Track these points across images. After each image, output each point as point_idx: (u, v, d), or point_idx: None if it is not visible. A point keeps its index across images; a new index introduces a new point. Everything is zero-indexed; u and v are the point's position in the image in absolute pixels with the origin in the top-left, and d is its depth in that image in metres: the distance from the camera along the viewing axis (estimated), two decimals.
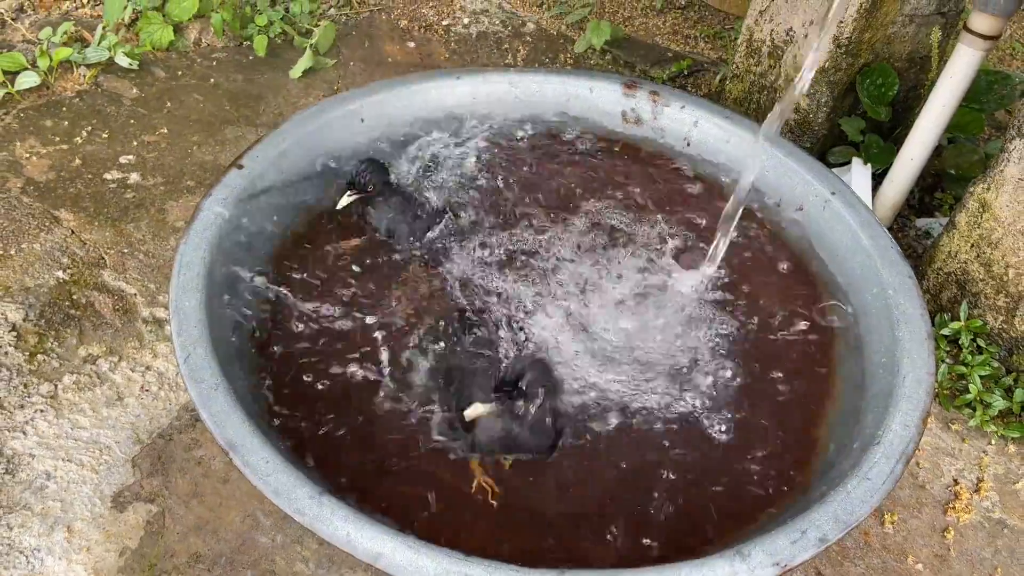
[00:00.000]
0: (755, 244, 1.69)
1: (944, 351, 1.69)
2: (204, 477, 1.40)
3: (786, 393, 1.45)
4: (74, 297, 1.65)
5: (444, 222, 1.66)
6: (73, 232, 1.78)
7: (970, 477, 1.52)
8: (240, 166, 1.54)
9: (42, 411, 1.47)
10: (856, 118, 2.00)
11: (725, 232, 1.58)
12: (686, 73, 2.46)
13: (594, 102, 1.85)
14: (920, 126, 1.81)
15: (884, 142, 1.97)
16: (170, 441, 1.45)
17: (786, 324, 1.56)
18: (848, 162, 1.97)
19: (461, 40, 2.53)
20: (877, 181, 1.95)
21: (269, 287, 1.50)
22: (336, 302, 1.52)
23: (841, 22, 1.84)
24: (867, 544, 1.42)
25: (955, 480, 1.51)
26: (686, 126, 1.81)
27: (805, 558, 1.08)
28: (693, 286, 1.61)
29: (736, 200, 1.55)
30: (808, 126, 2.04)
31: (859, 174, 1.92)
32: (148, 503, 1.37)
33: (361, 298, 1.54)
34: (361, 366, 1.43)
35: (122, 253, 1.76)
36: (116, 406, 1.50)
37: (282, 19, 2.41)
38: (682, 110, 1.80)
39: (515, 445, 1.29)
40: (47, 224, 1.78)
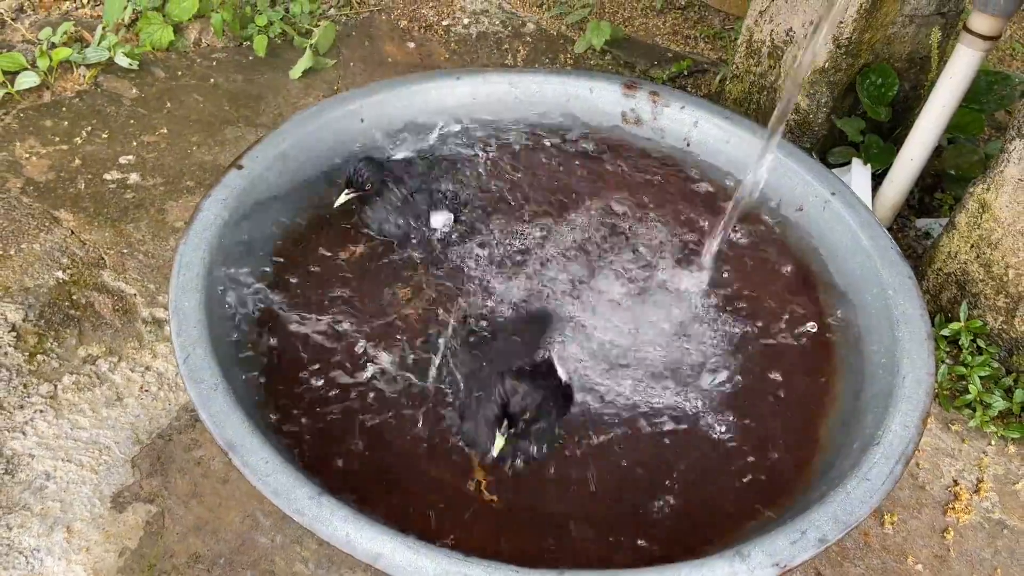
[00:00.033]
0: (754, 245, 1.69)
1: (944, 352, 1.69)
2: (204, 477, 1.40)
3: (785, 393, 1.45)
4: (74, 297, 1.65)
5: (444, 223, 1.66)
6: (73, 232, 1.78)
7: (970, 478, 1.52)
8: (240, 166, 1.54)
9: (42, 411, 1.47)
10: (856, 118, 2.00)
11: (724, 233, 1.58)
12: (686, 73, 2.46)
13: (594, 102, 1.85)
14: (920, 126, 1.81)
15: (884, 142, 1.97)
16: (170, 441, 1.45)
17: (785, 324, 1.56)
18: (848, 162, 1.97)
19: (461, 40, 2.53)
20: (877, 181, 1.95)
21: (268, 290, 1.50)
22: (335, 304, 1.52)
23: (841, 22, 1.84)
24: (867, 544, 1.42)
25: (955, 481, 1.51)
26: (686, 126, 1.81)
27: (805, 558, 1.08)
28: (692, 287, 1.61)
29: (735, 202, 1.55)
30: (808, 126, 2.04)
31: (859, 174, 1.92)
32: (147, 503, 1.37)
33: (360, 301, 1.54)
34: (360, 368, 1.43)
35: (122, 253, 1.76)
36: (116, 406, 1.50)
37: (282, 19, 2.41)
38: (682, 110, 1.80)
39: (519, 453, 1.30)
40: (47, 224, 1.78)
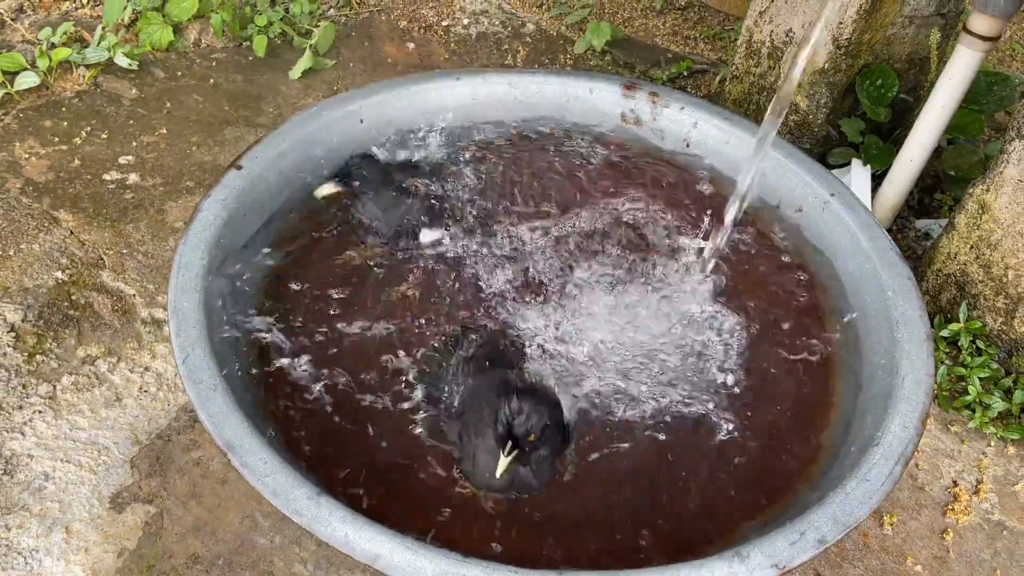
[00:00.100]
0: (754, 245, 1.69)
1: (943, 352, 1.69)
2: (203, 478, 1.40)
3: (784, 395, 1.45)
4: (73, 298, 1.65)
5: (441, 224, 1.65)
6: (72, 233, 1.78)
7: (969, 479, 1.52)
8: (239, 167, 1.54)
9: (40, 412, 1.47)
10: (856, 119, 2.00)
11: (723, 233, 1.58)
12: (686, 74, 2.46)
13: (594, 103, 1.85)
14: (919, 127, 1.81)
15: (883, 143, 1.97)
16: (169, 442, 1.45)
17: (784, 326, 1.56)
18: (848, 163, 1.97)
19: (461, 41, 2.53)
20: (876, 182, 1.95)
21: (265, 290, 1.50)
22: (333, 307, 1.52)
23: (841, 23, 1.84)
24: (866, 545, 1.41)
25: (954, 482, 1.51)
26: (685, 127, 1.81)
27: (804, 559, 1.08)
28: (690, 288, 1.61)
29: (731, 203, 1.55)
30: (808, 127, 2.04)
31: (858, 175, 1.92)
32: (146, 504, 1.37)
33: (356, 303, 1.53)
34: (359, 371, 1.42)
35: (121, 254, 1.76)
36: (115, 407, 1.49)
37: (282, 20, 2.41)
38: (681, 111, 1.80)
39: (520, 486, 1.26)
40: (46, 225, 1.78)
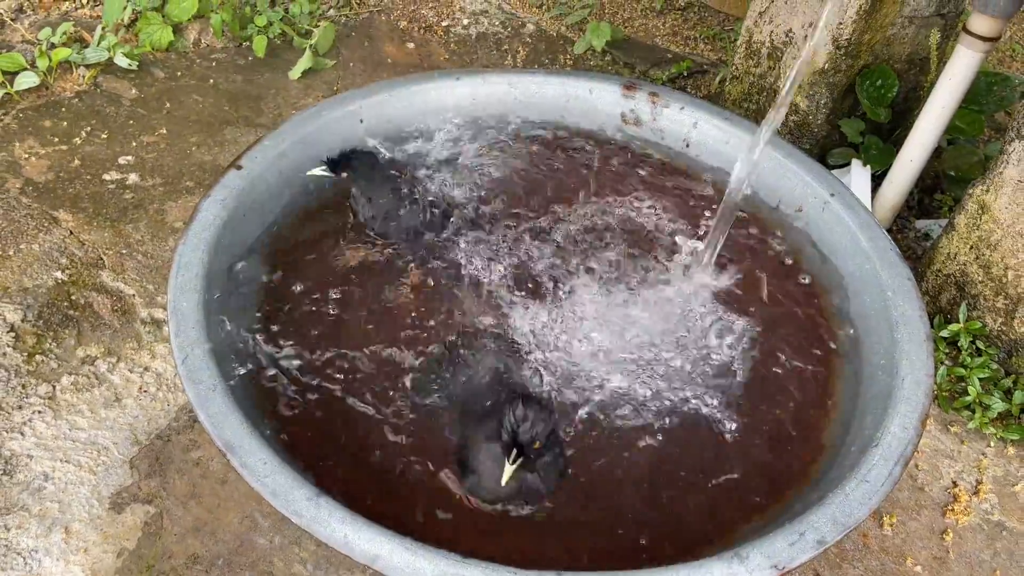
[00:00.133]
0: (753, 245, 1.69)
1: (943, 353, 1.69)
2: (202, 478, 1.40)
3: (784, 395, 1.45)
4: (72, 298, 1.65)
5: (440, 223, 1.65)
6: (72, 233, 1.78)
7: (969, 479, 1.52)
8: (239, 167, 1.54)
9: (40, 412, 1.47)
10: (856, 119, 2.00)
11: (722, 234, 1.58)
12: (686, 74, 2.46)
13: (593, 103, 1.85)
14: (919, 128, 1.81)
15: (883, 144, 1.97)
16: (168, 442, 1.45)
17: (783, 326, 1.55)
18: (848, 164, 1.97)
19: (460, 41, 2.53)
20: (876, 183, 1.95)
21: (264, 291, 1.50)
22: (332, 308, 1.52)
23: (840, 24, 1.84)
24: (865, 546, 1.41)
25: (954, 482, 1.51)
26: (685, 127, 1.80)
27: (803, 560, 1.08)
28: (689, 287, 1.61)
29: (730, 202, 1.55)
30: (808, 127, 2.04)
31: (858, 176, 1.91)
32: (146, 504, 1.37)
33: (355, 303, 1.54)
34: (357, 373, 1.42)
35: (121, 254, 1.76)
36: (114, 407, 1.49)
37: (281, 20, 2.41)
38: (681, 111, 1.80)
39: (527, 493, 1.24)
40: (46, 225, 1.78)
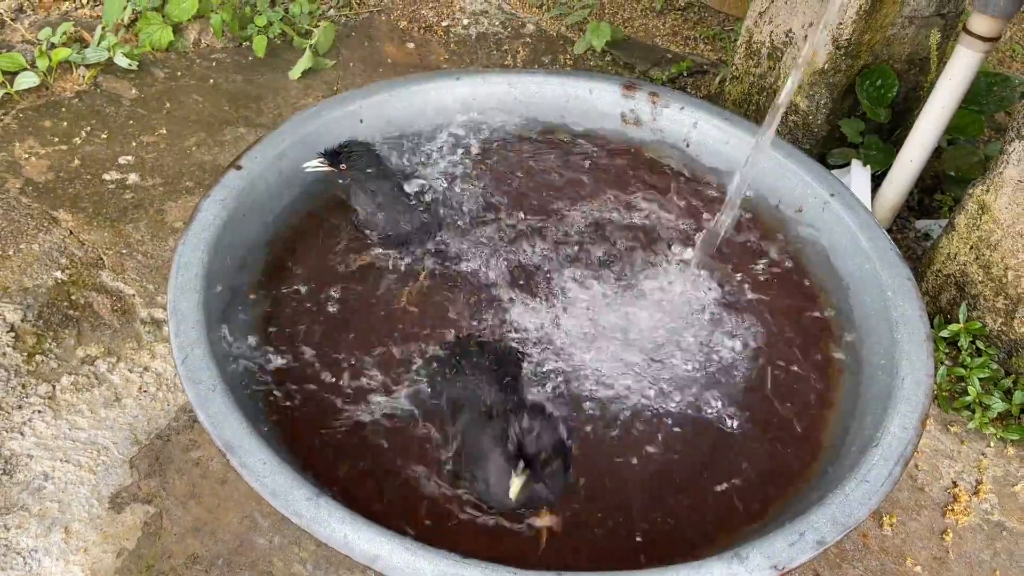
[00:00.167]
0: (753, 245, 1.69)
1: (943, 353, 1.69)
2: (202, 478, 1.40)
3: (784, 395, 1.45)
4: (72, 298, 1.65)
5: (439, 223, 1.65)
6: (72, 233, 1.78)
7: (969, 479, 1.52)
8: (239, 167, 1.54)
9: (40, 412, 1.47)
10: (856, 120, 2.00)
11: (722, 234, 1.58)
12: (686, 74, 2.46)
13: (593, 103, 1.85)
14: (919, 128, 1.81)
15: (883, 144, 1.97)
16: (168, 442, 1.45)
17: (784, 326, 1.56)
18: (848, 164, 1.97)
19: (460, 41, 2.53)
20: (876, 183, 1.94)
21: (263, 292, 1.50)
22: (332, 309, 1.52)
23: (840, 24, 1.84)
24: (865, 546, 1.41)
25: (954, 482, 1.51)
26: (685, 127, 1.80)
27: (803, 560, 1.08)
28: (689, 287, 1.61)
29: (731, 203, 1.55)
30: (808, 128, 2.04)
31: (858, 176, 1.91)
32: (146, 504, 1.37)
33: (355, 303, 1.54)
34: (357, 374, 1.42)
35: (120, 254, 1.76)
36: (114, 407, 1.49)
37: (281, 20, 2.41)
38: (681, 111, 1.80)
39: (533, 500, 1.20)
40: (45, 224, 1.78)
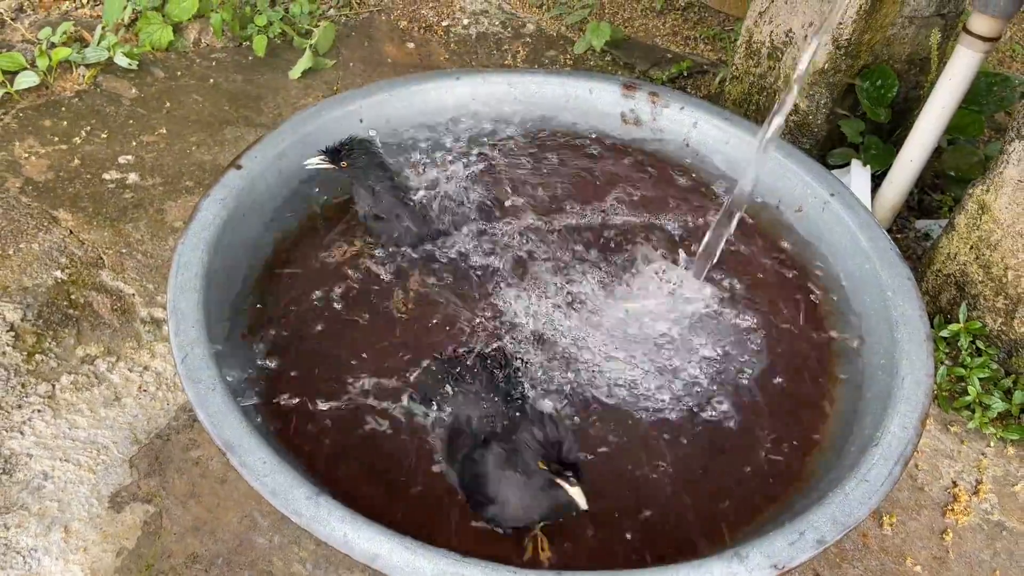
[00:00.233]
0: (753, 246, 1.69)
1: (943, 353, 1.69)
2: (202, 477, 1.40)
3: (785, 394, 1.45)
4: (72, 297, 1.65)
5: (438, 222, 1.65)
6: (71, 232, 1.78)
7: (969, 479, 1.52)
8: (239, 166, 1.54)
9: (40, 411, 1.47)
10: (856, 119, 2.00)
11: (723, 234, 1.58)
12: (686, 74, 2.46)
13: (593, 103, 1.85)
14: (919, 128, 1.81)
15: (883, 144, 1.97)
16: (168, 441, 1.45)
17: (784, 326, 1.55)
18: (848, 164, 1.97)
19: (461, 41, 2.53)
20: (876, 183, 1.94)
21: (262, 291, 1.50)
22: (329, 308, 1.52)
23: (840, 24, 1.84)
24: (865, 546, 1.41)
25: (954, 482, 1.51)
26: (685, 127, 1.80)
27: (803, 559, 1.08)
28: (690, 288, 1.60)
29: (732, 204, 1.55)
30: (807, 127, 2.04)
31: (858, 176, 1.91)
32: (145, 503, 1.37)
33: (354, 303, 1.54)
34: (355, 376, 1.42)
35: (120, 253, 1.76)
36: (114, 406, 1.49)
37: (281, 19, 2.41)
38: (681, 111, 1.80)
39: (552, 511, 1.15)
40: (45, 224, 1.78)
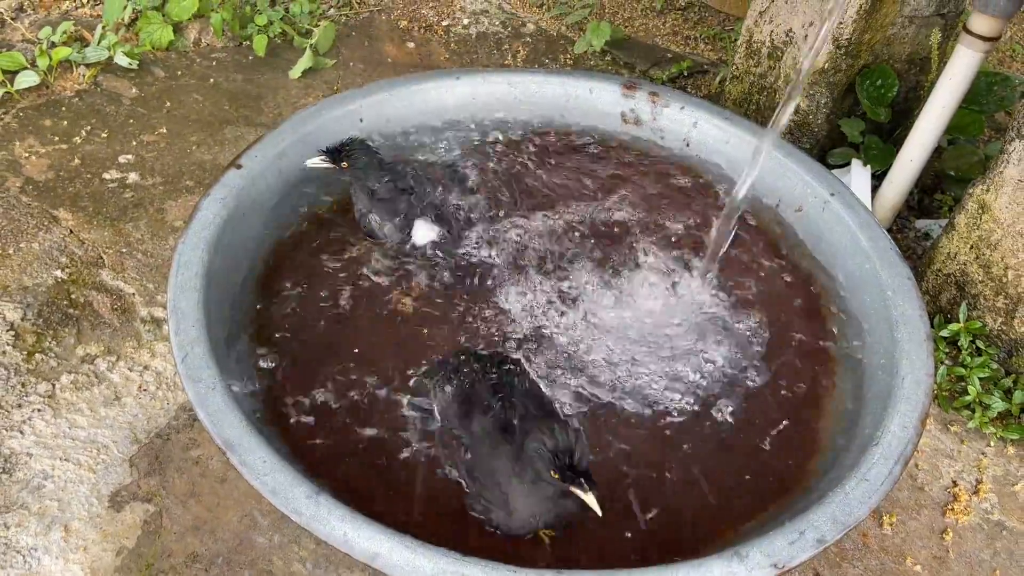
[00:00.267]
0: (754, 245, 1.69)
1: (943, 352, 1.69)
2: (202, 477, 1.40)
3: (784, 394, 1.45)
4: (72, 296, 1.65)
5: (439, 224, 1.64)
6: (72, 231, 1.78)
7: (969, 479, 1.52)
8: (239, 166, 1.54)
9: (40, 410, 1.47)
10: (856, 119, 2.00)
11: (723, 234, 1.58)
12: (686, 74, 2.46)
13: (593, 103, 1.85)
14: (920, 127, 1.81)
15: (884, 143, 1.97)
16: (168, 441, 1.45)
17: (784, 325, 1.55)
18: (848, 163, 1.97)
19: (461, 41, 2.53)
20: (877, 182, 1.94)
21: (262, 292, 1.50)
22: (329, 309, 1.52)
23: (841, 23, 1.84)
24: (865, 545, 1.41)
25: (954, 482, 1.51)
26: (685, 127, 1.81)
27: (803, 559, 1.08)
28: (691, 288, 1.60)
29: (732, 204, 1.55)
30: (808, 127, 2.04)
31: (858, 175, 1.91)
32: (145, 503, 1.37)
33: (354, 304, 1.54)
34: (355, 376, 1.43)
35: (120, 253, 1.76)
36: (114, 406, 1.49)
37: (282, 19, 2.41)
38: (681, 111, 1.80)
39: (559, 517, 1.17)
40: (46, 223, 1.78)
